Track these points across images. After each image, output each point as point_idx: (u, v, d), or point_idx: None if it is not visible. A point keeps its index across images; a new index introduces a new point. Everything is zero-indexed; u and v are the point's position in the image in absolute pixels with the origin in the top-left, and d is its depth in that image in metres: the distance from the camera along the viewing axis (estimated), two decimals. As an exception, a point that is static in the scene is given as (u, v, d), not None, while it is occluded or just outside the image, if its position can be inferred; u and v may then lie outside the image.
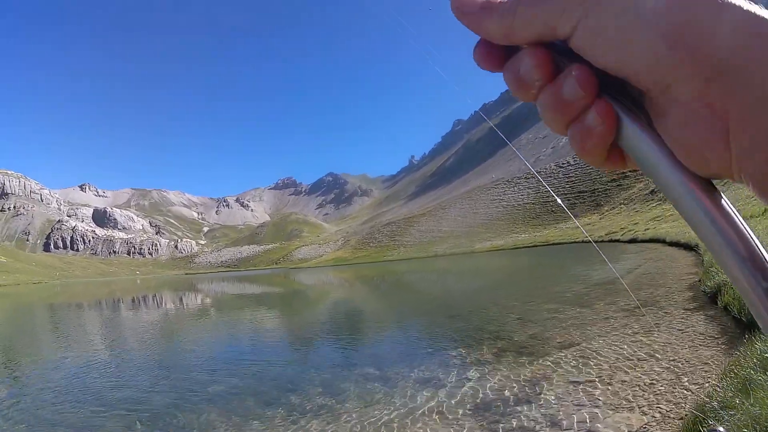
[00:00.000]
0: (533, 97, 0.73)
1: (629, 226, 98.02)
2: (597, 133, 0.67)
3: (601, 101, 0.66)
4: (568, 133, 0.71)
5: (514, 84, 0.72)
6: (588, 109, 0.67)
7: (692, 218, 0.64)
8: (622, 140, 0.67)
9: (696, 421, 6.41)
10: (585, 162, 0.74)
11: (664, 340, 12.17)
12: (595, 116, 0.66)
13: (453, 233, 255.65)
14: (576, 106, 0.67)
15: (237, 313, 36.78)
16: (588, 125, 0.67)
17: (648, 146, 0.65)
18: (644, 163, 0.66)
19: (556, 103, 0.69)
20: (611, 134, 0.67)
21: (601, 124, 0.66)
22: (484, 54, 0.75)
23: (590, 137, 0.68)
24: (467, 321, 20.80)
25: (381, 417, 9.64)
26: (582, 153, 0.71)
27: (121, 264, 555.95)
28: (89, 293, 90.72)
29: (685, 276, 23.21)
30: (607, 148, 0.70)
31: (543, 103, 0.71)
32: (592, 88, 0.66)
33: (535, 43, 0.69)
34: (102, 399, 13.23)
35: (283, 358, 17.42)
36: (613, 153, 0.72)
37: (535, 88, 0.71)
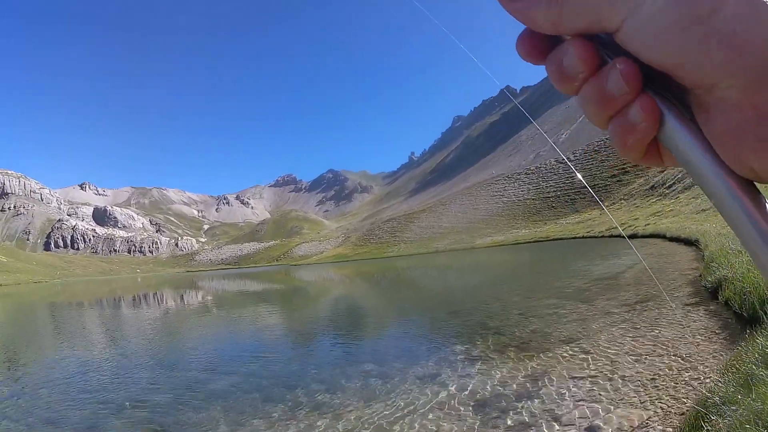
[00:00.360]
0: (575, 89, 0.72)
1: (629, 221, 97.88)
2: (640, 129, 0.66)
3: (645, 96, 0.66)
4: (610, 128, 0.71)
5: (557, 76, 0.72)
6: (631, 104, 0.66)
7: (733, 219, 0.63)
8: (664, 136, 0.67)
9: (698, 417, 6.39)
10: (621, 155, 0.74)
11: (665, 335, 12.15)
12: (639, 111, 0.65)
13: (453, 229, 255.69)
14: (619, 100, 0.66)
15: (238, 310, 36.84)
16: (631, 120, 0.67)
17: (691, 144, 0.64)
18: (686, 160, 0.66)
19: (600, 96, 0.68)
20: (654, 130, 0.66)
21: (645, 120, 0.65)
22: (527, 44, 0.74)
23: (633, 133, 0.67)
24: (468, 316, 20.78)
25: (382, 413, 9.64)
26: (623, 148, 0.71)
27: (121, 262, 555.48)
28: (90, 292, 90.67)
29: (686, 271, 23.18)
30: (647, 143, 0.70)
31: (585, 96, 0.70)
32: (636, 83, 0.65)
33: (579, 35, 0.68)
34: (103, 397, 13.20)
35: (284, 354, 17.41)
36: (651, 148, 0.71)
37: (578, 81, 0.70)
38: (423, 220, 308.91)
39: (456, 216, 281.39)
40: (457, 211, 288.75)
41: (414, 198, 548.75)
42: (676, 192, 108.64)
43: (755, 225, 0.58)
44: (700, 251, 27.23)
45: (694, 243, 33.53)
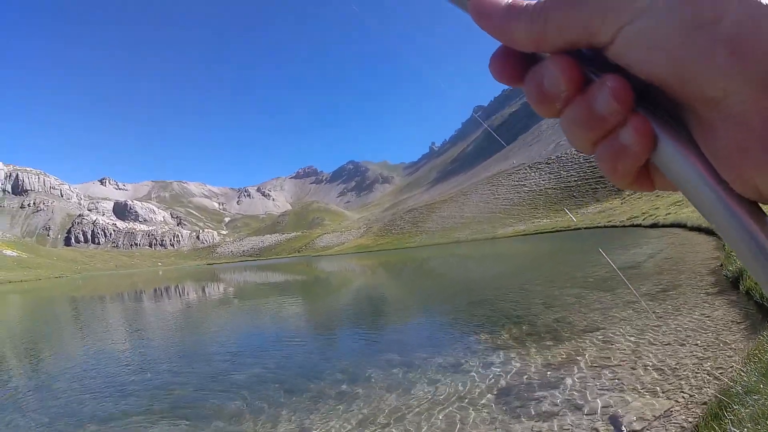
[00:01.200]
0: (557, 111, 0.66)
1: (650, 210, 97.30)
2: (632, 152, 0.61)
3: (637, 116, 0.60)
4: (597, 153, 0.65)
5: (537, 97, 0.65)
6: (622, 125, 0.61)
7: (737, 243, 0.58)
8: (659, 158, 0.61)
9: (720, 406, 6.40)
10: (610, 180, 0.67)
11: (687, 325, 12.16)
12: (631, 133, 0.60)
13: (475, 219, 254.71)
14: (609, 121, 0.61)
15: (260, 301, 36.99)
16: (622, 143, 0.61)
17: (689, 165, 0.59)
18: (683, 182, 0.60)
19: (586, 117, 0.62)
20: (647, 153, 0.61)
21: (638, 143, 0.60)
22: (503, 64, 0.69)
23: (624, 157, 0.62)
24: (491, 306, 20.80)
25: (406, 403, 9.73)
26: (612, 174, 0.65)
27: (142, 256, 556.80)
28: (111, 286, 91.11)
29: (707, 261, 23.16)
30: (637, 168, 0.64)
31: (570, 118, 0.64)
32: (627, 101, 0.59)
33: (560, 52, 0.63)
34: (125, 389, 13.40)
35: (306, 345, 17.53)
36: (641, 172, 0.66)
37: (561, 101, 0.64)
38: (444, 210, 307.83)
39: (477, 206, 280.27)
40: (479, 201, 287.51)
41: (435, 188, 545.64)
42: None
43: (761, 248, 0.53)
44: (721, 241, 27.16)
45: (715, 233, 33.38)
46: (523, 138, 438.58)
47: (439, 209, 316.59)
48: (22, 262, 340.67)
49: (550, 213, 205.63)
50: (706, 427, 6.00)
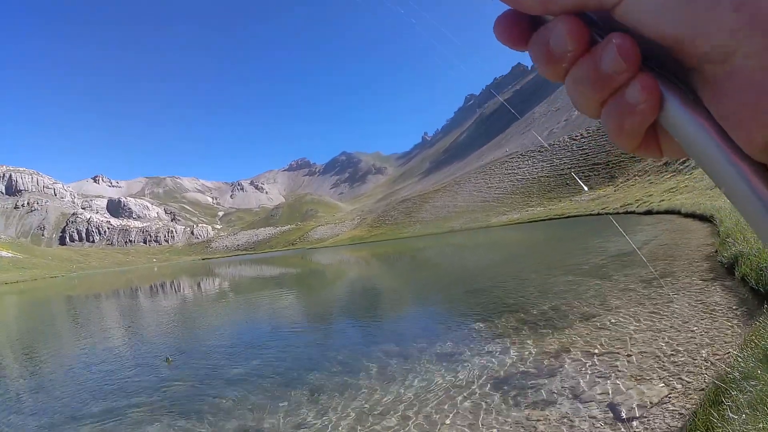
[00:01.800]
0: (563, 71, 0.66)
1: (644, 197, 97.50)
2: (639, 110, 0.60)
3: (645, 74, 0.60)
4: (604, 112, 0.64)
5: (543, 58, 0.65)
6: (628, 84, 0.60)
7: (746, 207, 0.57)
8: (666, 119, 0.61)
9: (718, 392, 6.44)
10: (615, 144, 0.67)
11: (683, 311, 12.18)
12: (639, 90, 0.59)
13: (468, 208, 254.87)
14: (615, 80, 0.60)
15: (255, 295, 36.98)
16: (629, 101, 0.60)
17: (697, 126, 0.58)
18: (692, 145, 0.60)
19: (593, 76, 0.62)
20: (655, 111, 0.60)
21: (645, 100, 0.59)
22: (508, 28, 0.68)
23: (631, 115, 0.61)
24: (486, 295, 20.84)
25: (403, 393, 9.78)
26: (618, 134, 0.64)
27: (137, 253, 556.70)
28: (107, 284, 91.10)
29: (702, 247, 23.19)
30: (645, 129, 0.63)
31: (576, 77, 0.64)
32: (634, 59, 0.59)
33: (567, 12, 0.62)
34: (123, 386, 13.43)
35: (303, 338, 17.60)
36: (648, 136, 0.65)
37: (567, 61, 0.64)
38: (438, 199, 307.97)
39: (471, 195, 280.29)
40: (472, 190, 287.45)
41: (428, 178, 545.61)
42: (690, 168, 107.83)
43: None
44: (715, 227, 27.21)
45: (709, 219, 33.43)
46: (516, 126, 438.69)
47: (432, 199, 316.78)
48: (18, 262, 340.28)
49: (543, 201, 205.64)
50: (704, 413, 6.00)
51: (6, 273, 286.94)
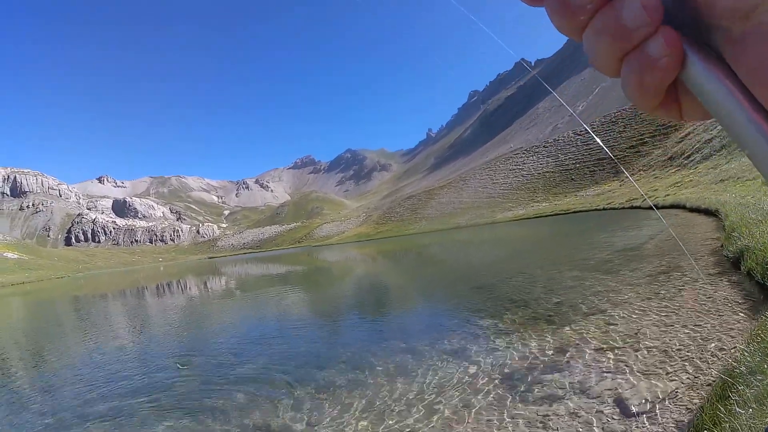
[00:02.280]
0: (582, 24, 0.64)
1: (649, 192, 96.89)
2: (661, 65, 0.59)
3: (667, 28, 0.59)
4: (624, 67, 0.63)
5: (561, 10, 0.63)
6: (651, 38, 0.59)
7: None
8: (688, 77, 0.59)
9: (725, 387, 6.43)
10: (635, 107, 0.66)
11: (689, 306, 12.16)
12: (662, 44, 0.58)
13: (474, 204, 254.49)
14: (637, 33, 0.59)
15: (262, 293, 36.85)
16: (651, 55, 0.59)
17: (720, 84, 0.57)
18: (714, 104, 0.58)
19: (614, 29, 0.60)
20: (677, 67, 0.59)
21: (668, 54, 0.58)
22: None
23: (653, 70, 0.60)
24: (492, 291, 20.79)
25: (411, 389, 9.80)
26: (639, 90, 0.62)
27: (143, 252, 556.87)
28: (113, 284, 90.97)
29: (707, 241, 23.11)
30: (666, 86, 0.62)
31: (596, 30, 0.62)
32: (657, 13, 0.58)
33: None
34: (130, 386, 13.45)
35: (309, 335, 17.57)
36: (669, 96, 0.64)
37: (586, 13, 0.62)
38: (443, 196, 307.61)
39: (476, 191, 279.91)
40: (477, 186, 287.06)
41: (433, 174, 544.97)
42: (695, 162, 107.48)
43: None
44: (721, 221, 27.15)
45: (715, 213, 33.35)
46: (520, 122, 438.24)
47: (437, 195, 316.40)
48: (24, 263, 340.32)
49: (548, 196, 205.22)
50: (711, 408, 6.02)
51: (12, 274, 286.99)
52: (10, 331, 32.47)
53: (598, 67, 0.67)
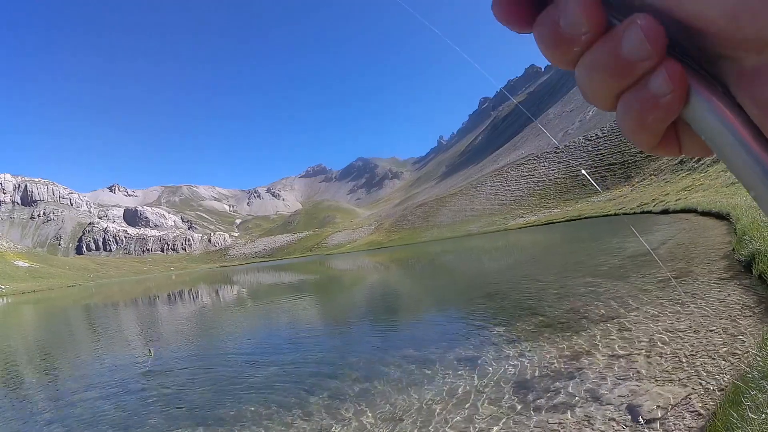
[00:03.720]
0: (575, 56, 0.59)
1: (660, 197, 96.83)
2: (664, 102, 0.54)
3: (671, 62, 0.54)
4: (621, 105, 0.58)
5: (552, 41, 0.58)
6: (652, 73, 0.54)
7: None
8: (691, 114, 0.56)
9: (737, 392, 6.40)
10: (632, 141, 0.61)
11: (701, 311, 12.11)
12: (665, 79, 0.53)
13: (485, 211, 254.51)
14: (638, 67, 0.54)
15: (274, 302, 36.86)
16: (652, 92, 0.54)
17: (727, 122, 0.53)
18: (719, 143, 0.54)
19: (612, 62, 0.55)
20: (680, 104, 0.55)
21: (671, 92, 0.54)
22: (509, 5, 0.61)
23: (654, 109, 0.55)
24: (504, 298, 20.81)
25: (423, 398, 9.75)
26: (639, 130, 0.58)
27: (155, 261, 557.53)
28: (124, 292, 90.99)
29: (719, 245, 23.05)
30: (668, 124, 0.58)
31: (591, 64, 0.58)
32: (661, 44, 0.53)
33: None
34: (142, 395, 13.46)
35: (321, 344, 17.53)
36: (668, 132, 0.60)
37: (581, 45, 0.57)
38: (455, 203, 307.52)
39: (488, 198, 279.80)
40: (489, 193, 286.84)
41: (445, 182, 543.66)
42: (705, 165, 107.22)
43: None
44: (732, 225, 27.07)
45: (726, 217, 33.29)
46: (531, 128, 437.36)
47: (449, 203, 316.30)
48: (35, 272, 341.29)
49: (560, 203, 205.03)
50: (724, 413, 6.00)
51: (23, 282, 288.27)
52: (21, 339, 32.54)
53: (592, 102, 0.62)
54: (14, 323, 51.15)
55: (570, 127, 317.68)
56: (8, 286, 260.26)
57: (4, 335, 36.95)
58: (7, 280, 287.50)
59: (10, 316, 65.85)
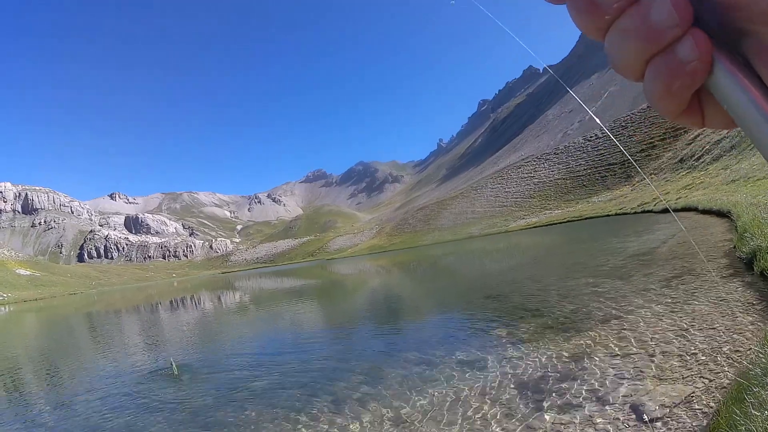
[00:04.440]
0: (606, 24, 0.61)
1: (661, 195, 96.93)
2: (690, 68, 0.57)
3: (697, 31, 0.56)
4: (649, 71, 0.60)
5: (585, 7, 0.61)
6: (679, 40, 0.57)
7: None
8: (714, 84, 0.58)
9: (740, 389, 6.39)
10: (657, 112, 0.64)
11: (703, 309, 12.10)
12: (692, 47, 0.56)
13: (486, 213, 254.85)
14: (666, 34, 0.57)
15: (276, 307, 36.87)
16: (680, 58, 0.57)
17: (748, 92, 0.55)
18: (740, 113, 0.56)
19: (641, 29, 0.58)
20: (705, 71, 0.57)
21: (698, 58, 0.56)
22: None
23: (680, 74, 0.57)
24: (506, 300, 20.76)
25: (427, 401, 9.74)
26: (665, 96, 0.60)
27: (156, 268, 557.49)
28: (126, 300, 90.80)
29: (720, 243, 23.03)
30: (692, 91, 0.60)
31: (622, 30, 0.60)
32: (687, 13, 0.55)
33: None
34: (143, 402, 13.43)
35: (324, 349, 17.51)
36: (691, 102, 0.62)
37: (612, 12, 0.60)
38: (455, 206, 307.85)
39: (488, 200, 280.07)
40: (489, 195, 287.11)
41: (445, 185, 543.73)
42: (705, 164, 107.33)
43: None
44: (733, 222, 27.07)
45: (726, 214, 33.28)
46: (530, 129, 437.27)
47: (450, 206, 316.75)
48: (36, 280, 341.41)
49: (561, 204, 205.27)
50: (727, 411, 5.99)
51: (25, 291, 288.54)
52: (24, 348, 32.49)
53: (621, 70, 0.64)
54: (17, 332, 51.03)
55: (569, 128, 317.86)
56: (10, 295, 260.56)
57: (9, 344, 36.87)
58: (9, 288, 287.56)
59: (13, 324, 65.81)
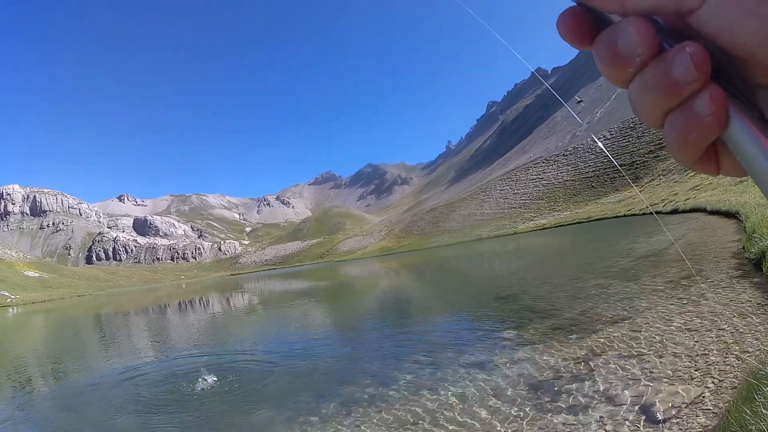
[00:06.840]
0: (629, 76, 0.64)
1: (669, 197, 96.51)
2: (706, 122, 0.59)
3: (714, 86, 0.58)
4: (668, 122, 0.63)
5: (610, 59, 0.63)
6: (697, 95, 0.59)
7: None
8: (730, 136, 0.59)
9: (750, 389, 6.39)
10: (675, 158, 0.66)
11: (713, 309, 12.09)
12: (708, 102, 0.58)
13: (495, 215, 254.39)
14: (685, 89, 0.59)
15: (285, 309, 36.81)
16: (697, 113, 0.59)
17: (761, 145, 0.56)
18: (755, 166, 0.57)
19: (663, 83, 0.60)
20: (721, 126, 0.59)
21: (714, 113, 0.58)
22: (573, 23, 0.66)
23: (697, 128, 0.60)
24: (515, 301, 20.76)
25: (436, 402, 9.75)
26: (681, 146, 0.63)
27: (165, 270, 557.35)
28: (135, 302, 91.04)
29: (729, 244, 23.00)
30: (708, 143, 0.62)
31: (644, 83, 0.62)
32: (706, 70, 0.57)
33: (638, 15, 0.61)
34: (152, 402, 13.50)
35: (334, 350, 17.52)
36: (707, 152, 0.64)
37: (635, 66, 0.62)
38: (464, 208, 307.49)
39: (497, 202, 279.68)
40: (498, 197, 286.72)
41: (454, 187, 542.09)
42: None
43: None
44: (742, 223, 27.02)
45: (735, 215, 33.23)
46: (539, 131, 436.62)
47: (459, 207, 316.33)
48: (45, 282, 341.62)
49: (569, 205, 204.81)
50: (737, 411, 5.99)
51: (33, 292, 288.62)
52: (33, 350, 32.56)
53: (642, 118, 0.68)
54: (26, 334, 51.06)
55: (578, 129, 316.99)
56: (19, 296, 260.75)
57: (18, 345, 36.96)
58: (18, 290, 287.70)
59: (22, 326, 65.90)
